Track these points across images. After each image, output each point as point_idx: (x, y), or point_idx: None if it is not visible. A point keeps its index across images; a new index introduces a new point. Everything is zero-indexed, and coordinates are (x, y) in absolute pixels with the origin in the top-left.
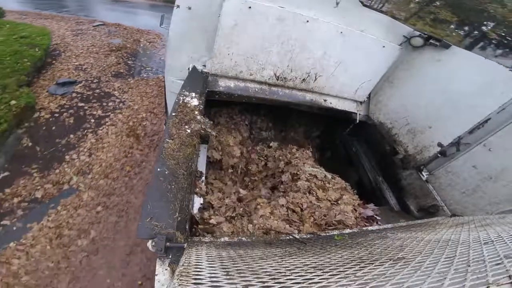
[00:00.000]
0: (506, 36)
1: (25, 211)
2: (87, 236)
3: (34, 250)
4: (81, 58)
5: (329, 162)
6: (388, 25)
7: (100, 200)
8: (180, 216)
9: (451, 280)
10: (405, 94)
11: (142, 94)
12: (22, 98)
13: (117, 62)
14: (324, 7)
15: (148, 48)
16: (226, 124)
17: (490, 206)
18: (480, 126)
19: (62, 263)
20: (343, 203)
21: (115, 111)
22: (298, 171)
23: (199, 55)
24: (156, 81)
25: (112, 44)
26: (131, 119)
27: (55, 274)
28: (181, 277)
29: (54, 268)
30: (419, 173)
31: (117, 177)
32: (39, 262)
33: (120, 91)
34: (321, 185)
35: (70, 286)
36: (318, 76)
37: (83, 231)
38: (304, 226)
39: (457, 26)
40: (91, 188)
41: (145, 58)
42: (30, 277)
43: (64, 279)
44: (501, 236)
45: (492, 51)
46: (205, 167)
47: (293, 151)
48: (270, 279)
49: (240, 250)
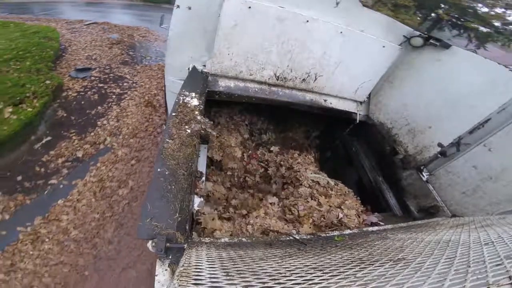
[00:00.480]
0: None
1: (69, 170)
2: (126, 186)
3: (81, 204)
4: (88, 50)
5: (329, 162)
6: (388, 25)
7: (133, 155)
8: (180, 216)
9: (451, 281)
10: (405, 94)
11: (149, 76)
12: (53, 79)
13: (121, 53)
14: (324, 7)
15: (143, 41)
16: (226, 124)
17: (490, 207)
18: (480, 126)
19: (107, 213)
20: (346, 207)
21: (131, 89)
22: (300, 177)
23: (199, 55)
24: (158, 66)
25: (112, 38)
26: (146, 95)
27: (101, 224)
28: (181, 278)
29: (99, 218)
30: (419, 173)
31: (144, 136)
32: (86, 215)
33: (130, 75)
34: (323, 191)
35: (115, 233)
36: (318, 76)
37: (122, 182)
38: (303, 227)
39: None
40: (123, 146)
41: (142, 49)
42: (79, 231)
43: (110, 227)
44: (502, 236)
45: (449, 32)
46: (205, 167)
47: (295, 156)
48: (270, 279)
49: (240, 250)
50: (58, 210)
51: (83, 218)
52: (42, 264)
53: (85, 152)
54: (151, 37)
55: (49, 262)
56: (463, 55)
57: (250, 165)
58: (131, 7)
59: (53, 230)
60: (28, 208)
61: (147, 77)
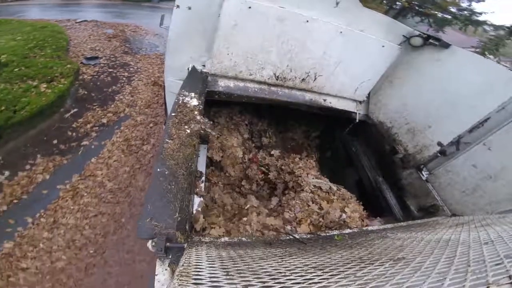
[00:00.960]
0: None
1: (97, 133)
2: (149, 143)
3: (112, 160)
4: (89, 43)
5: (329, 162)
6: (387, 25)
7: (150, 120)
8: (180, 216)
9: (451, 280)
10: (405, 93)
11: (150, 63)
12: (72, 64)
13: (120, 45)
14: (324, 7)
15: (135, 35)
16: (226, 124)
17: (490, 206)
18: (480, 126)
19: (136, 165)
20: (350, 210)
21: (137, 73)
22: (301, 182)
23: (198, 55)
24: (155, 55)
25: (108, 33)
26: (151, 77)
27: (132, 175)
28: (181, 277)
29: (130, 171)
30: (419, 172)
31: (156, 107)
32: (118, 169)
33: (134, 62)
34: (325, 196)
35: (145, 181)
36: (318, 75)
37: (145, 140)
38: (300, 227)
39: None
40: (141, 114)
41: (137, 42)
42: (113, 183)
43: (140, 177)
44: (501, 236)
45: (412, 19)
46: (205, 167)
47: (296, 160)
48: (270, 279)
49: (240, 250)
50: (92, 167)
51: (115, 172)
52: (82, 217)
53: (109, 119)
54: (141, 31)
55: (88, 215)
56: (462, 54)
57: (249, 170)
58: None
59: (90, 185)
60: (65, 167)
61: (148, 64)
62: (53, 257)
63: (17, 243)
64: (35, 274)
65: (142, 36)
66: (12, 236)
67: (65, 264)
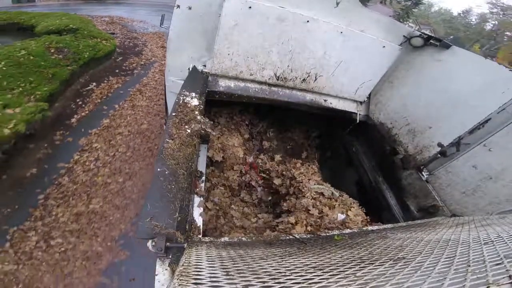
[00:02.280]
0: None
1: (141, 67)
2: None
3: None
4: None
5: (329, 162)
6: (388, 25)
7: None
8: (180, 216)
9: (451, 280)
10: (405, 94)
11: (151, 37)
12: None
13: (121, 27)
14: (324, 7)
15: (123, 23)
16: (226, 124)
17: (490, 206)
18: (480, 126)
19: None
20: (352, 214)
21: (147, 42)
22: (302, 188)
23: (199, 55)
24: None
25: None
26: (158, 43)
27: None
28: (181, 277)
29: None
30: (419, 173)
31: None
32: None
33: (140, 36)
34: (327, 202)
35: None
36: (318, 76)
37: None
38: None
39: None
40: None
41: (129, 26)
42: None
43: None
44: (501, 236)
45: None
46: (205, 167)
47: (298, 166)
48: (270, 279)
49: (240, 250)
50: (145, 81)
51: (158, 81)
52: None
53: (145, 62)
54: (126, 20)
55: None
56: (463, 55)
57: (248, 175)
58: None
59: (147, 88)
60: (129, 81)
61: (150, 38)
62: (139, 122)
63: (112, 119)
64: (127, 135)
65: (130, 23)
66: (107, 115)
67: (147, 126)
